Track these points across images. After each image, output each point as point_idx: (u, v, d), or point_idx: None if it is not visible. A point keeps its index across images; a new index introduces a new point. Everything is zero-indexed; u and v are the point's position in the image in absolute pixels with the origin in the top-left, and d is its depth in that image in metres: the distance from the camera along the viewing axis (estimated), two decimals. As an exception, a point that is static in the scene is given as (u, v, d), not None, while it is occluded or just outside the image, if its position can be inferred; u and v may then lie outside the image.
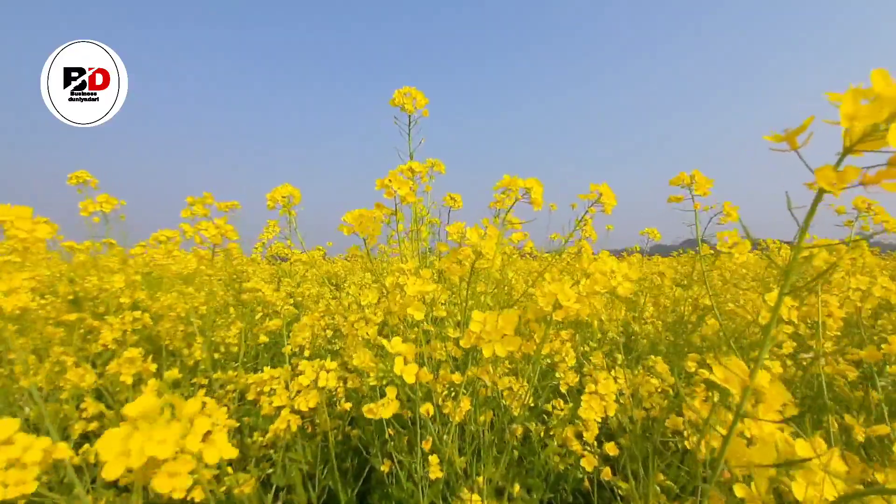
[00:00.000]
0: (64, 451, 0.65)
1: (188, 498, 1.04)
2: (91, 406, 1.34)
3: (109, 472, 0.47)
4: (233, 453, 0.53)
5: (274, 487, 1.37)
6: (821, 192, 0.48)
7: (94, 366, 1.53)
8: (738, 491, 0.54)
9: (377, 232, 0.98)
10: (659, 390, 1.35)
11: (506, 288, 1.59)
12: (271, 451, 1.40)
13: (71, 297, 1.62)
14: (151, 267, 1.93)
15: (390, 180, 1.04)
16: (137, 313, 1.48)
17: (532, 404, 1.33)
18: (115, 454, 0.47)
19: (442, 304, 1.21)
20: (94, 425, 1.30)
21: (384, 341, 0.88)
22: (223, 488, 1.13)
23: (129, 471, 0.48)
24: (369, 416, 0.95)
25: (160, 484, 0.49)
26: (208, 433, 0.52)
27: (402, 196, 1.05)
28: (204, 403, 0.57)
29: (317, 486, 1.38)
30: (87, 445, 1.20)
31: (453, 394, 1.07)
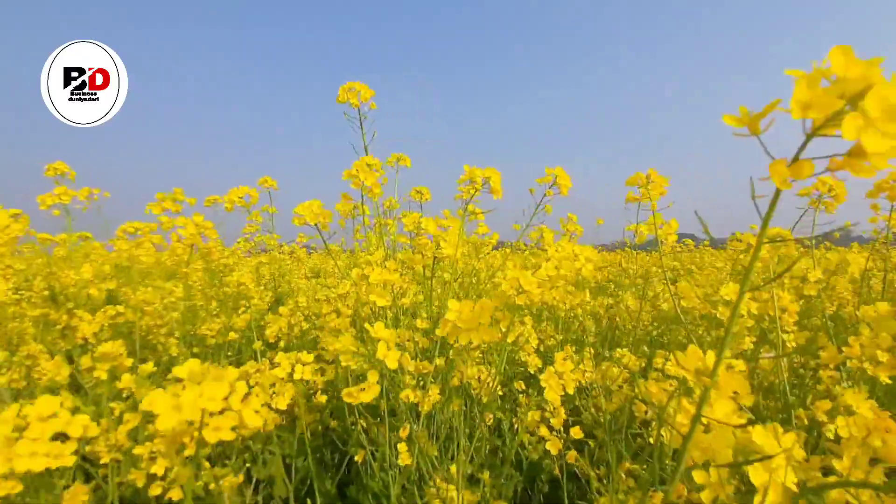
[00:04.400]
0: (94, 429, 0.67)
1: (166, 497, 0.96)
2: (68, 400, 1.25)
3: (163, 423, 0.49)
4: (259, 421, 0.55)
5: (254, 481, 1.29)
6: (779, 190, 0.42)
7: (71, 360, 1.42)
8: (697, 477, 0.49)
9: (328, 219, 0.94)
10: (625, 380, 1.32)
11: (473, 279, 1.54)
12: (250, 444, 1.31)
13: (46, 293, 1.52)
14: (123, 259, 1.83)
15: (357, 170, 0.99)
16: (121, 307, 1.39)
17: (501, 393, 1.28)
18: (168, 408, 0.49)
19: (413, 293, 1.16)
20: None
21: (367, 326, 0.83)
22: (200, 483, 1.04)
23: (182, 423, 0.50)
24: (348, 399, 0.90)
25: (208, 435, 0.52)
26: (247, 394, 0.55)
27: (368, 187, 0.99)
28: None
29: (294, 478, 1.30)
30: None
31: (422, 384, 1.02)
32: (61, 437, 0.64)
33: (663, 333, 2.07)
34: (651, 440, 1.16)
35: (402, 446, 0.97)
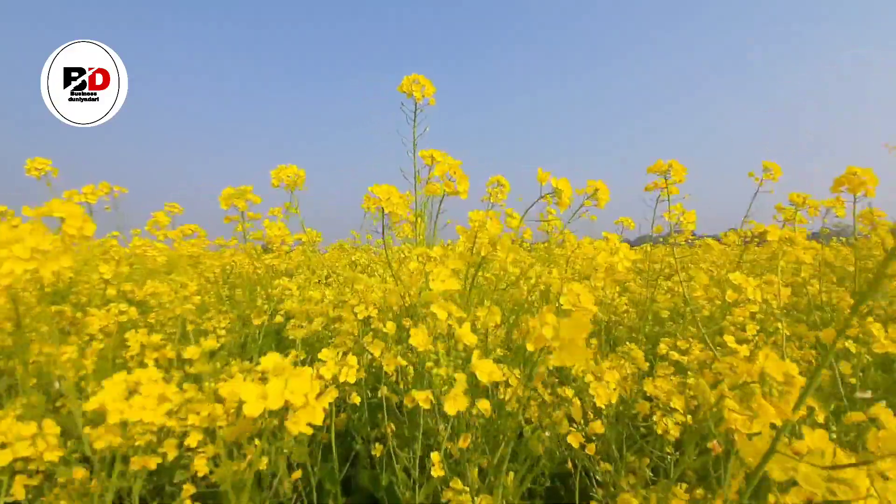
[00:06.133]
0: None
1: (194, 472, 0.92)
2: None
3: (250, 410, 0.52)
4: (319, 418, 0.57)
5: (272, 477, 1.25)
6: None
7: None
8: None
9: (404, 211, 0.92)
10: (633, 374, 1.31)
11: (504, 274, 1.53)
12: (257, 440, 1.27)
13: (50, 290, 1.45)
14: (137, 259, 1.77)
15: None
16: (123, 305, 1.33)
17: (527, 395, 1.26)
18: (255, 396, 0.52)
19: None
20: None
21: (456, 328, 0.77)
22: (215, 477, 1.00)
23: (267, 411, 0.53)
24: (425, 405, 0.82)
25: (291, 426, 0.54)
26: (321, 393, 0.58)
27: (430, 191, 0.96)
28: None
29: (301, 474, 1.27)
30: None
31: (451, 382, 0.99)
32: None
33: (663, 330, 2.08)
34: (658, 430, 1.15)
35: (435, 455, 0.92)
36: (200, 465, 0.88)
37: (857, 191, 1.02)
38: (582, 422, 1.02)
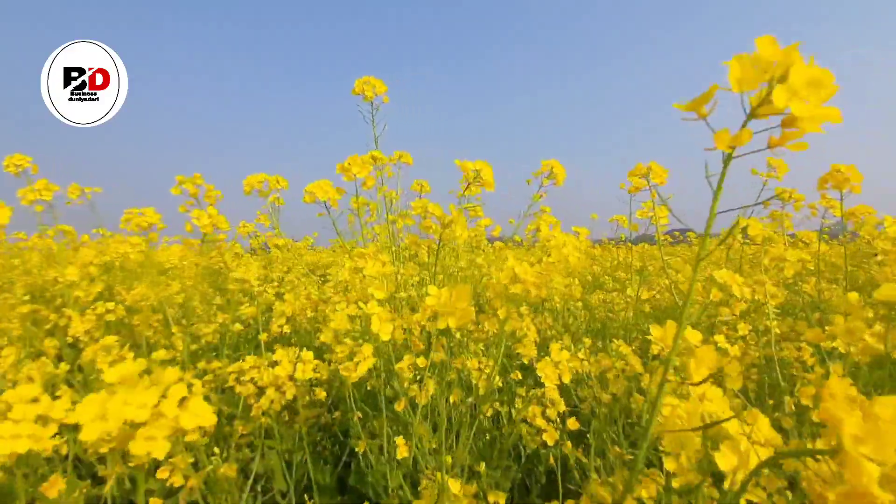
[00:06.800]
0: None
1: (168, 483, 0.93)
2: (66, 394, 1.21)
3: (87, 435, 0.44)
4: (211, 420, 0.49)
5: (253, 474, 1.26)
6: (729, 157, 0.46)
7: (60, 360, 1.38)
8: (668, 464, 0.48)
9: (337, 196, 1.01)
10: (622, 371, 1.30)
11: (476, 272, 1.54)
12: (251, 439, 1.29)
13: (27, 297, 1.47)
14: (111, 257, 1.77)
15: (349, 164, 1.01)
16: (111, 304, 1.35)
17: (499, 385, 1.27)
18: (92, 417, 0.44)
19: (412, 284, 1.15)
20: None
21: (361, 304, 0.85)
22: (202, 476, 1.01)
23: (108, 435, 0.45)
24: (345, 373, 0.89)
25: (136, 447, 0.45)
26: (184, 399, 0.48)
27: (361, 180, 1.00)
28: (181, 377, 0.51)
29: (295, 472, 1.28)
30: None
31: (419, 378, 1.01)
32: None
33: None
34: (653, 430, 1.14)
35: (399, 440, 0.96)
36: (164, 475, 0.87)
37: (843, 188, 1.02)
38: (558, 419, 1.03)
